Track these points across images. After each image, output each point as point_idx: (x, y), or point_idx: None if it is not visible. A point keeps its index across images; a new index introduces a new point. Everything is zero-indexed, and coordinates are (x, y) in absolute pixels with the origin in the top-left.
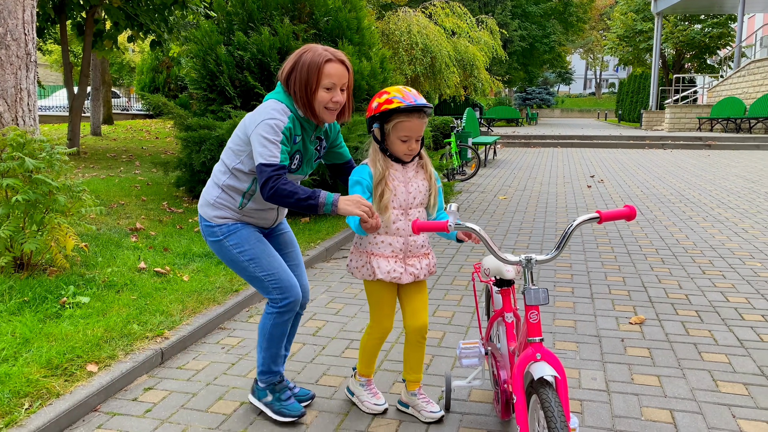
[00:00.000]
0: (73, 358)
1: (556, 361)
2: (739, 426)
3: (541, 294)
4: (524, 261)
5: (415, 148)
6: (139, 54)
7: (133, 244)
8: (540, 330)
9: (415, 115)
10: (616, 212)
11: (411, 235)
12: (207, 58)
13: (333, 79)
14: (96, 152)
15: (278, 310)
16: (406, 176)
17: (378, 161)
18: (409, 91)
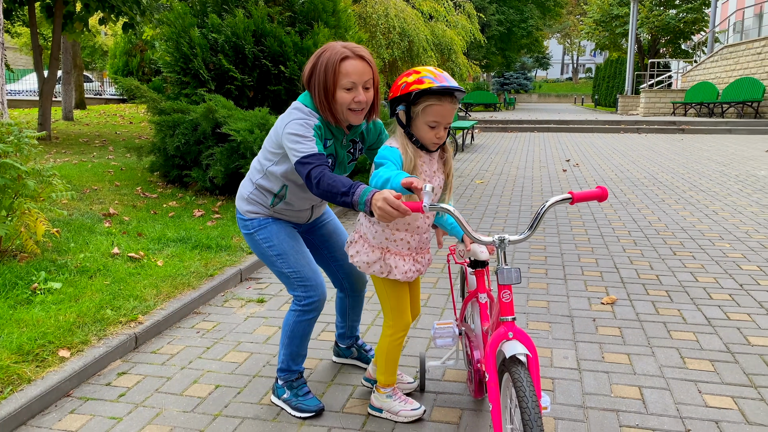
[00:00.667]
0: (45, 344)
1: (528, 339)
2: (705, 401)
3: (513, 273)
4: (497, 241)
5: (442, 136)
6: (111, 37)
7: (107, 230)
8: (512, 309)
9: (447, 98)
10: (588, 193)
11: (425, 233)
12: (180, 40)
13: (352, 78)
14: (68, 137)
15: (301, 308)
16: (431, 169)
17: (407, 148)
18: (441, 72)
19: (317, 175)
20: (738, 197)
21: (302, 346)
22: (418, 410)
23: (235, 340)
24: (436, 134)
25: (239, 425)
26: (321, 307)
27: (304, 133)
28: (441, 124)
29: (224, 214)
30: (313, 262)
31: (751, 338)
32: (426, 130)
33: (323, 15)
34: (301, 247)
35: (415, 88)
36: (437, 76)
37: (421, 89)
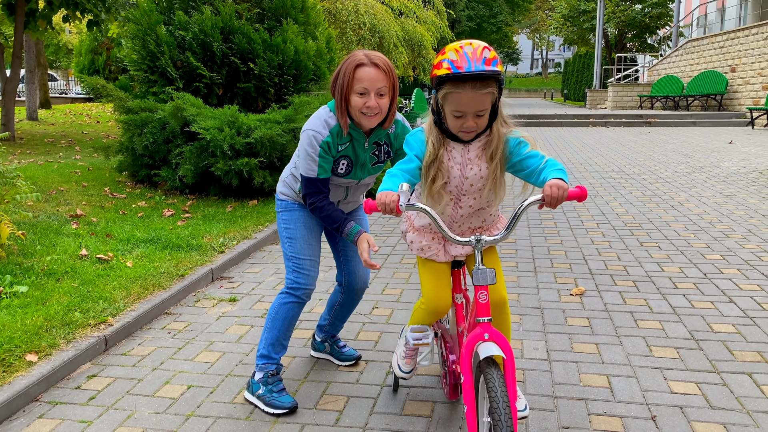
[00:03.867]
0: (11, 349)
1: (504, 341)
2: (670, 387)
3: (489, 274)
4: (473, 241)
5: (472, 126)
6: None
7: (74, 231)
8: (489, 310)
9: (468, 85)
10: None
11: (456, 222)
12: (147, 38)
13: (365, 84)
14: (33, 138)
15: (286, 290)
16: (465, 157)
17: (432, 137)
18: (468, 51)
19: (313, 203)
20: (702, 188)
21: (284, 333)
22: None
23: (207, 339)
24: (462, 124)
25: (212, 425)
26: (304, 298)
27: (310, 152)
28: (467, 113)
29: (194, 213)
30: (316, 256)
31: (715, 325)
32: (452, 120)
33: (292, 11)
34: (312, 239)
35: (435, 73)
36: (460, 56)
37: (438, 75)
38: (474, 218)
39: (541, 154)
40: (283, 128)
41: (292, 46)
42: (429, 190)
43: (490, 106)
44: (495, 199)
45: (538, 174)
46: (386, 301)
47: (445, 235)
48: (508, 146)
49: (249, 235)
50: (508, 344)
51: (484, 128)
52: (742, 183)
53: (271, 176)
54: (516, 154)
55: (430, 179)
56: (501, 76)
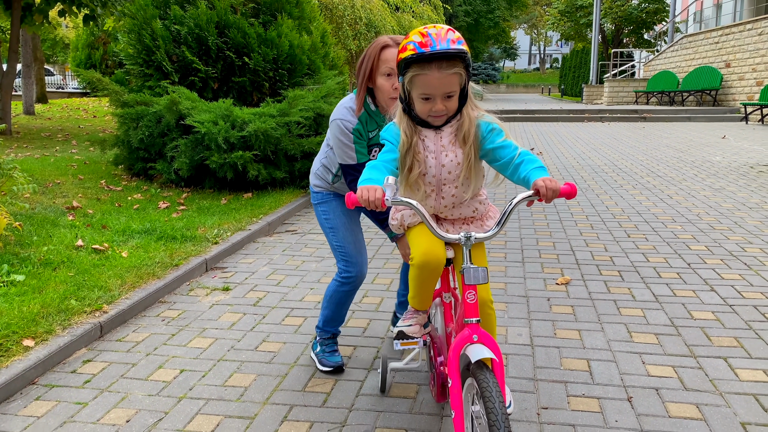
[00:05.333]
0: (9, 334)
1: (493, 342)
2: (647, 371)
3: (480, 273)
4: (463, 238)
5: (441, 109)
6: (73, 30)
7: (70, 223)
8: (477, 311)
9: (434, 65)
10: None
11: (442, 213)
12: (142, 32)
13: (390, 64)
14: (29, 132)
15: (340, 279)
16: (438, 145)
17: (403, 126)
18: (433, 33)
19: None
20: (692, 182)
21: (338, 313)
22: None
23: (200, 326)
24: (430, 107)
25: (203, 406)
26: (357, 283)
27: (344, 141)
28: (435, 95)
29: (189, 205)
30: (360, 241)
31: (695, 312)
32: (420, 104)
33: (287, 6)
34: (352, 224)
35: (399, 57)
36: (424, 38)
37: (403, 58)
38: (464, 208)
39: (515, 145)
40: (277, 122)
41: (287, 40)
42: (406, 180)
43: (459, 88)
44: (470, 186)
45: (514, 168)
46: (376, 290)
47: (432, 230)
48: (480, 131)
49: (243, 227)
50: (496, 345)
51: (455, 112)
52: (732, 177)
53: (265, 169)
54: (489, 140)
55: (406, 168)
56: (467, 56)
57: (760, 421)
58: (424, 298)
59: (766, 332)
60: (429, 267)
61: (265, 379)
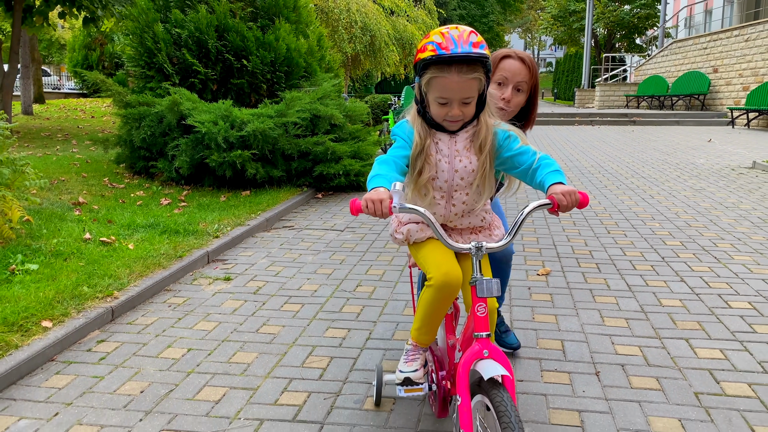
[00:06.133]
0: (28, 317)
1: (504, 358)
2: (615, 350)
3: (494, 285)
4: (474, 249)
5: (458, 114)
6: (69, 30)
7: (77, 217)
8: (488, 325)
9: (453, 68)
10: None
11: (451, 221)
12: (144, 35)
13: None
14: (29, 131)
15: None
16: (452, 149)
17: (416, 127)
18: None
19: None
20: (674, 183)
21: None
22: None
23: (204, 312)
24: (447, 111)
25: (210, 379)
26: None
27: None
28: (452, 100)
29: (190, 202)
30: None
31: (664, 300)
32: (436, 107)
33: (284, 11)
34: None
35: (418, 57)
36: (445, 39)
37: (422, 59)
38: (473, 217)
39: (533, 150)
40: (275, 122)
41: (284, 43)
42: (415, 183)
43: (477, 94)
44: (483, 194)
45: (533, 173)
46: (369, 281)
47: (439, 238)
48: (497, 139)
49: (242, 222)
50: (507, 361)
51: (471, 118)
52: (713, 178)
53: (263, 168)
54: (506, 148)
55: (416, 171)
56: (488, 61)
57: (711, 391)
58: (432, 329)
59: (726, 317)
60: (450, 287)
61: (266, 356)
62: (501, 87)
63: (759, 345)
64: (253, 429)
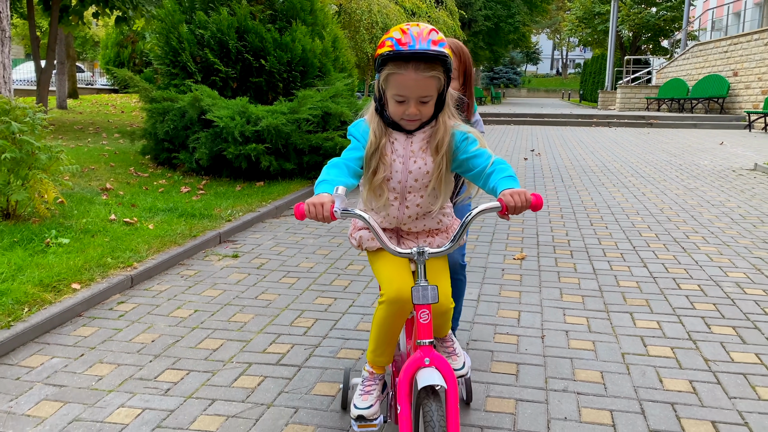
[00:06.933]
0: (60, 280)
1: (447, 367)
2: (565, 319)
3: (430, 292)
4: (415, 254)
5: (415, 113)
6: (102, 28)
7: (104, 201)
8: (431, 332)
9: (411, 65)
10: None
11: (405, 224)
12: (170, 36)
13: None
14: (63, 125)
15: None
16: (407, 150)
17: (373, 126)
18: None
19: None
20: (670, 182)
21: None
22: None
23: (212, 282)
24: (405, 110)
25: (211, 333)
26: None
27: None
28: (409, 98)
29: (208, 190)
30: None
31: (621, 281)
32: (393, 105)
33: (301, 13)
34: None
35: (377, 53)
36: (402, 37)
37: (379, 54)
38: (428, 220)
39: (489, 153)
40: (287, 118)
41: (300, 45)
42: (370, 183)
43: (436, 93)
44: (439, 197)
45: (486, 178)
46: (360, 260)
47: (382, 243)
48: (454, 140)
49: (253, 209)
50: (450, 370)
51: (430, 118)
52: (710, 179)
53: (276, 161)
54: (462, 150)
55: (371, 171)
56: (449, 60)
57: (637, 352)
58: (388, 349)
59: (673, 297)
60: (400, 304)
61: (261, 318)
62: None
63: (693, 318)
64: (242, 369)
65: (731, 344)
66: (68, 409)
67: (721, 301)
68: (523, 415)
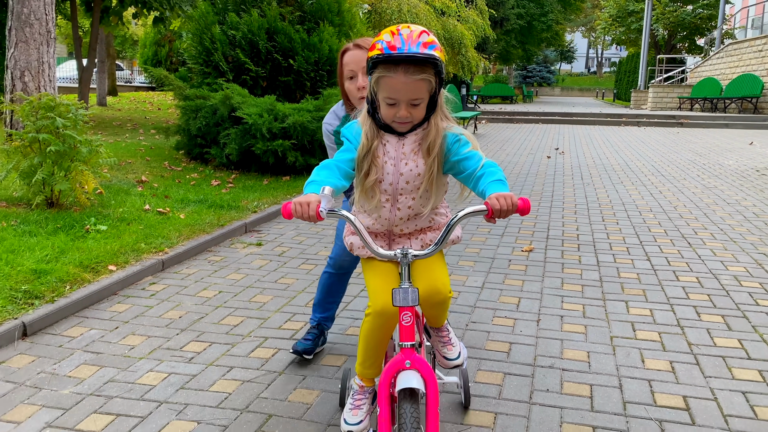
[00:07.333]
0: (98, 262)
1: (428, 369)
2: (562, 306)
3: (410, 295)
4: (399, 255)
5: (406, 116)
6: (141, 27)
7: (140, 192)
8: (413, 335)
9: (400, 68)
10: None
11: (396, 226)
12: (203, 36)
13: (351, 67)
14: (103, 121)
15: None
16: (399, 152)
17: (366, 128)
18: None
19: None
20: (689, 181)
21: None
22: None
23: (236, 267)
24: (396, 113)
25: (233, 311)
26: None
27: (329, 144)
28: (400, 100)
29: (237, 184)
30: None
31: (623, 273)
32: (385, 108)
33: (329, 15)
34: None
35: (368, 55)
36: (392, 40)
37: (370, 57)
38: (419, 220)
39: (480, 156)
40: (312, 116)
41: (327, 45)
42: (362, 185)
43: (427, 96)
44: (430, 199)
45: (476, 180)
46: None
47: (366, 245)
48: (446, 142)
49: (279, 202)
50: (431, 373)
51: (421, 121)
52: (731, 178)
53: (302, 156)
54: (454, 152)
55: (363, 173)
56: (439, 62)
57: (625, 335)
58: (376, 361)
59: (669, 288)
60: (387, 316)
61: (279, 299)
62: (353, 80)
63: (685, 307)
64: (259, 342)
65: (717, 330)
66: (104, 372)
67: (715, 292)
68: (509, 386)
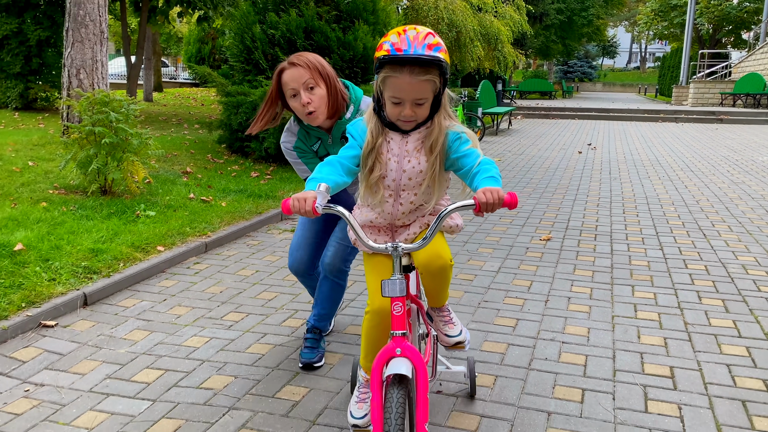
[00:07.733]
0: (148, 243)
1: (417, 356)
2: (571, 288)
3: (398, 286)
4: (390, 248)
5: (410, 115)
6: (185, 25)
7: (185, 182)
8: (404, 323)
9: (406, 69)
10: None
11: (399, 219)
12: (244, 35)
13: (291, 86)
14: (149, 116)
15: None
16: (402, 149)
17: (371, 125)
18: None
19: None
20: (718, 176)
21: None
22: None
23: (271, 250)
24: (400, 111)
25: (268, 288)
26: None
27: (293, 161)
28: (405, 100)
29: (274, 176)
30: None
31: (634, 261)
32: (390, 107)
33: (364, 14)
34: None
35: (375, 56)
36: (398, 41)
37: (377, 57)
38: (420, 211)
39: (477, 153)
40: None
41: (362, 43)
42: (366, 181)
43: (432, 96)
44: (432, 195)
45: (472, 177)
46: None
47: (359, 239)
48: (447, 140)
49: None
50: (421, 360)
51: (425, 119)
52: (761, 174)
53: None
54: (454, 150)
55: (368, 169)
56: (444, 64)
57: (626, 315)
58: None
59: (676, 274)
60: (386, 314)
61: None
62: (296, 97)
63: (688, 292)
64: (290, 314)
65: (714, 312)
66: (154, 336)
67: (721, 279)
68: (512, 354)
